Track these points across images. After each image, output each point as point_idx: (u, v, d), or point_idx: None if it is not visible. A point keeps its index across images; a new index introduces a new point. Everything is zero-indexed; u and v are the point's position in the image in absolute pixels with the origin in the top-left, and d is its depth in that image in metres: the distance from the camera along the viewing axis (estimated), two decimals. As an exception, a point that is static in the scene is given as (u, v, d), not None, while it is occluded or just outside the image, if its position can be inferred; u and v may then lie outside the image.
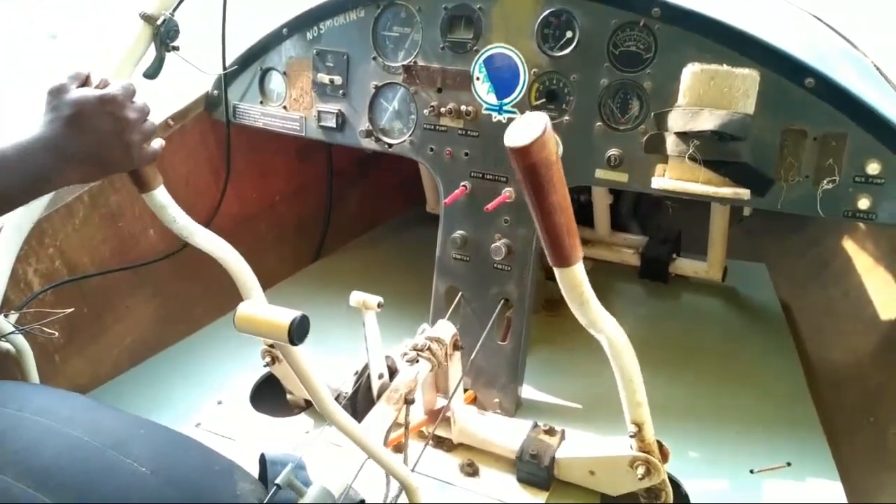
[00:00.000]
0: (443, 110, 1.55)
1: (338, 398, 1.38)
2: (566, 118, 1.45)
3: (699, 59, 1.29)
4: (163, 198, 1.29)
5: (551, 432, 1.42)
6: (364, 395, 1.27)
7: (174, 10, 1.42)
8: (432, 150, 1.60)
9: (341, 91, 1.70)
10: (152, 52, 1.44)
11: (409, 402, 1.25)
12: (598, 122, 1.43)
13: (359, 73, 1.67)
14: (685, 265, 2.12)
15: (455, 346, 1.38)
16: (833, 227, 2.19)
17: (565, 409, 1.61)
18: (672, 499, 1.26)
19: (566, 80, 1.44)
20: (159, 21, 1.40)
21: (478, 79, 1.52)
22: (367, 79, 1.66)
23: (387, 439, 1.25)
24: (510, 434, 1.43)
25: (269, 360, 1.51)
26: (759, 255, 2.25)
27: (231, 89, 1.85)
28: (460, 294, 1.60)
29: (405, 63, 1.59)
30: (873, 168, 1.24)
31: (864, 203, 1.26)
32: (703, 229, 2.02)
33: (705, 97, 1.29)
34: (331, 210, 2.37)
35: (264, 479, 1.06)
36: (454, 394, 1.40)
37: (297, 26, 1.72)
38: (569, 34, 1.42)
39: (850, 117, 1.24)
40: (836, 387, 1.70)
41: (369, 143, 1.68)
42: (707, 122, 1.26)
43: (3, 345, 1.36)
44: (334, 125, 1.71)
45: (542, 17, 1.43)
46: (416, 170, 2.37)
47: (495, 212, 1.52)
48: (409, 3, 1.56)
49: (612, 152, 1.42)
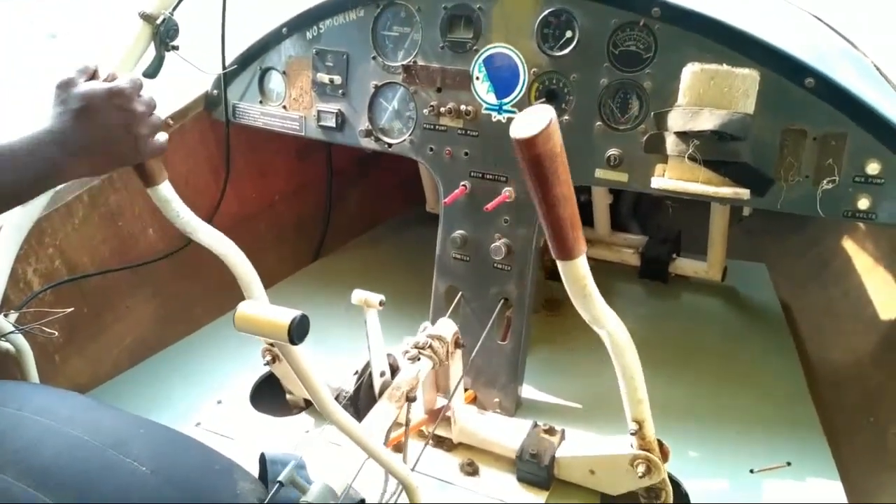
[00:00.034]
0: (442, 110, 1.55)
1: (338, 397, 1.38)
2: (566, 118, 1.45)
3: (699, 58, 1.29)
4: (167, 193, 1.29)
5: (551, 432, 1.42)
6: (366, 392, 1.27)
7: (174, 9, 1.42)
8: (432, 149, 1.60)
9: (341, 91, 1.70)
10: (152, 51, 1.44)
11: (410, 399, 1.25)
12: (598, 122, 1.43)
13: (358, 73, 1.66)
14: (685, 265, 2.12)
15: (456, 344, 1.38)
16: (833, 227, 2.19)
17: (565, 408, 1.61)
18: (672, 498, 1.26)
19: (566, 79, 1.44)
20: (159, 20, 1.40)
21: (477, 78, 1.52)
22: (367, 78, 1.65)
23: (387, 439, 1.25)
24: (510, 434, 1.43)
25: (269, 358, 1.51)
26: (758, 255, 2.25)
27: (231, 89, 1.85)
28: (460, 294, 1.60)
29: (405, 63, 1.59)
30: (873, 168, 1.24)
31: (863, 203, 1.26)
32: (702, 229, 2.02)
33: (705, 97, 1.29)
34: (330, 210, 2.37)
35: (264, 478, 1.06)
36: (455, 392, 1.40)
37: (297, 26, 1.72)
38: (568, 34, 1.42)
39: (850, 117, 1.24)
40: (836, 387, 1.70)
41: (369, 143, 1.68)
42: (707, 121, 1.26)
43: (3, 344, 1.36)
44: (334, 125, 1.71)
45: (541, 16, 1.43)
46: (416, 169, 2.37)
47: (495, 211, 1.52)
48: (409, 2, 1.56)
49: (612, 152, 1.42)
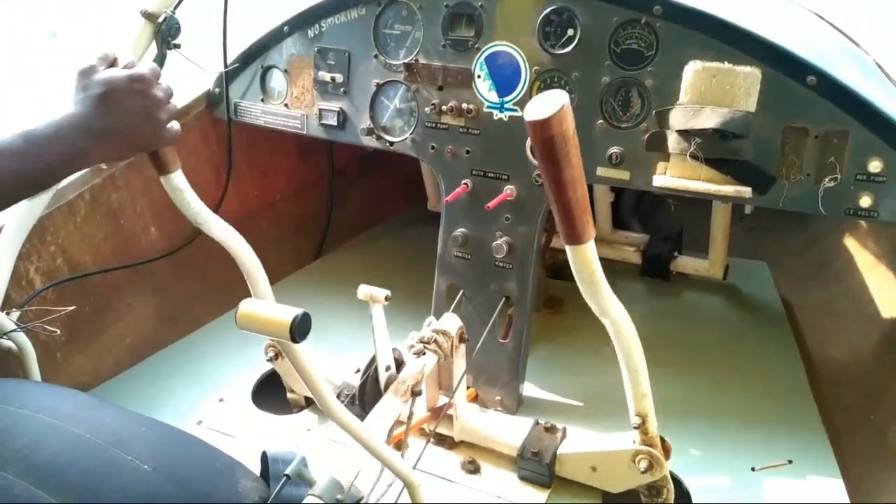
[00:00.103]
0: (444, 108, 1.55)
1: (339, 395, 1.38)
2: (567, 116, 1.45)
3: (701, 56, 1.29)
4: (180, 182, 1.30)
5: (553, 430, 1.42)
6: (371, 387, 1.28)
7: (175, 7, 1.42)
8: (433, 148, 1.60)
9: (342, 89, 1.69)
10: (153, 49, 1.44)
11: (415, 393, 1.25)
12: (600, 120, 1.42)
13: (360, 71, 1.66)
14: (686, 263, 2.12)
15: (461, 339, 1.38)
16: (834, 225, 2.19)
17: (567, 406, 1.61)
18: (673, 496, 1.26)
19: (567, 77, 1.44)
20: (160, 19, 1.40)
21: (479, 77, 1.52)
22: (369, 77, 1.65)
23: (389, 437, 1.25)
24: (511, 432, 1.43)
25: (272, 354, 1.51)
26: (760, 253, 2.25)
27: (232, 87, 1.85)
28: (461, 292, 1.59)
29: (406, 61, 1.59)
30: (875, 166, 1.23)
31: (865, 201, 1.25)
32: (704, 227, 2.02)
33: (707, 95, 1.28)
34: (332, 208, 2.37)
35: (266, 476, 1.07)
36: (458, 386, 1.40)
37: (299, 24, 1.72)
38: (570, 32, 1.42)
39: (851, 115, 1.23)
40: (838, 385, 1.70)
41: (370, 142, 1.68)
42: (709, 119, 1.26)
43: (5, 342, 1.36)
44: (335, 123, 1.71)
45: (543, 14, 1.43)
46: (418, 168, 2.37)
47: (496, 210, 1.52)
48: (411, 0, 1.56)
49: (614, 150, 1.41)
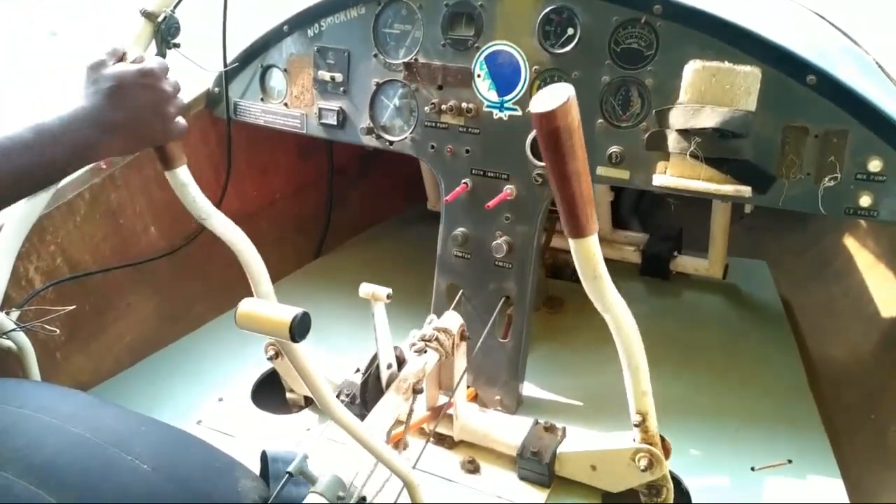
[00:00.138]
0: (444, 107, 1.55)
1: (339, 395, 1.38)
2: (567, 115, 1.45)
3: (701, 56, 1.29)
4: (185, 177, 1.30)
5: (552, 430, 1.42)
6: (373, 385, 1.28)
7: (175, 7, 1.42)
8: (433, 147, 1.60)
9: (342, 88, 1.69)
10: (153, 49, 1.44)
11: (417, 391, 1.25)
12: (600, 120, 1.42)
13: (360, 71, 1.66)
14: (686, 262, 2.12)
15: (462, 337, 1.38)
16: (834, 224, 2.19)
17: (566, 406, 1.61)
18: (673, 496, 1.26)
19: (567, 77, 1.44)
20: (160, 18, 1.40)
21: (479, 76, 1.52)
22: (368, 76, 1.65)
23: (388, 436, 1.25)
24: (511, 431, 1.43)
25: (272, 353, 1.51)
26: (759, 253, 2.25)
27: (232, 86, 1.85)
28: (461, 292, 1.59)
29: (406, 60, 1.58)
30: (875, 165, 1.23)
31: (865, 200, 1.26)
32: (703, 227, 2.02)
33: (707, 94, 1.28)
34: (332, 208, 2.37)
35: (265, 476, 1.07)
36: (458, 384, 1.40)
37: (298, 23, 1.72)
38: (570, 31, 1.42)
39: (851, 114, 1.23)
40: (837, 384, 1.70)
41: (370, 141, 1.68)
42: (709, 119, 1.26)
43: (5, 342, 1.36)
44: (335, 122, 1.71)
45: (543, 14, 1.43)
46: (417, 167, 2.37)
47: (496, 209, 1.52)
48: (411, 0, 1.56)
49: (614, 149, 1.41)
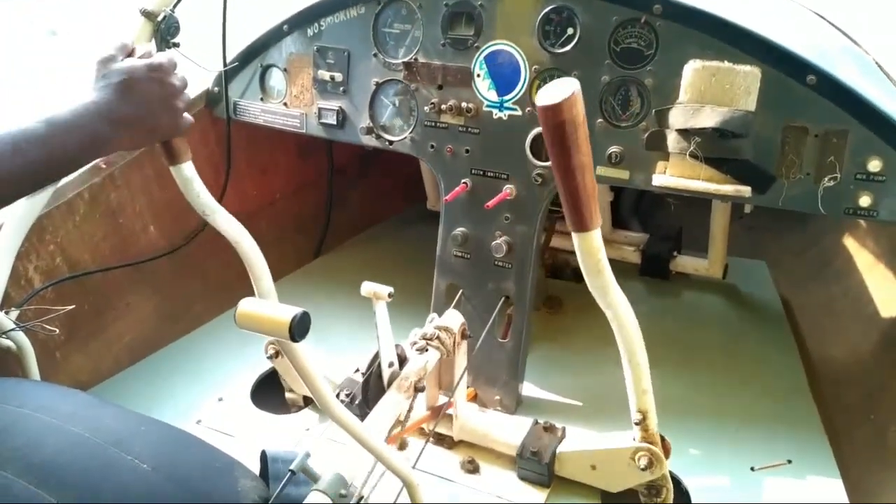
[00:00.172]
0: (443, 107, 1.55)
1: (339, 394, 1.38)
2: (567, 115, 1.45)
3: (700, 55, 1.29)
4: (189, 172, 1.31)
5: (552, 430, 1.42)
6: (375, 383, 1.28)
7: (174, 6, 1.42)
8: (433, 147, 1.60)
9: (342, 88, 1.69)
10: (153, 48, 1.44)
11: (418, 389, 1.25)
12: (599, 119, 1.42)
13: (359, 70, 1.66)
14: (686, 262, 2.12)
15: (463, 335, 1.38)
16: (834, 224, 2.19)
17: (566, 406, 1.62)
18: (672, 496, 1.26)
19: (567, 76, 1.44)
20: (160, 17, 1.40)
21: (478, 76, 1.52)
22: (368, 75, 1.65)
23: (388, 436, 1.25)
24: (511, 431, 1.43)
25: (272, 352, 1.51)
26: (759, 253, 2.25)
27: (231, 86, 1.85)
28: (461, 291, 1.59)
29: (406, 60, 1.58)
30: (875, 165, 1.23)
31: (865, 200, 1.26)
32: (703, 227, 2.02)
33: (707, 94, 1.28)
34: (331, 207, 2.37)
35: (265, 475, 1.07)
36: (458, 383, 1.40)
37: (298, 23, 1.72)
38: (570, 31, 1.42)
39: (851, 114, 1.24)
40: (837, 384, 1.70)
41: (370, 140, 1.68)
42: (708, 119, 1.26)
43: (4, 342, 1.36)
44: (335, 122, 1.71)
45: (543, 13, 1.43)
46: (417, 167, 2.37)
47: (496, 209, 1.52)
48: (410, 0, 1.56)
49: (613, 149, 1.41)
